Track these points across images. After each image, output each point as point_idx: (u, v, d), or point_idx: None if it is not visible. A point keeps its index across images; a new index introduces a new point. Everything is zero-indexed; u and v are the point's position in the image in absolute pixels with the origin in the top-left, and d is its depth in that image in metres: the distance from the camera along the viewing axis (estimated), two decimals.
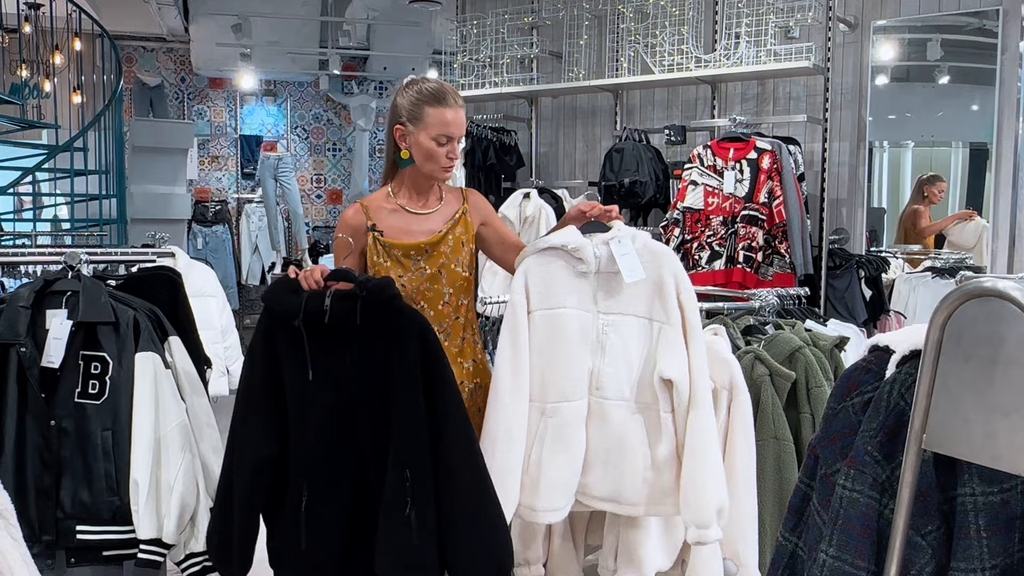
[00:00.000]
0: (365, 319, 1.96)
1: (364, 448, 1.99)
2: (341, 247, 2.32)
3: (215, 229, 9.21)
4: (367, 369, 1.98)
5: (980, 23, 4.17)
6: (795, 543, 1.41)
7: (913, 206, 4.59)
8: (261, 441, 2.01)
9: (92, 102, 7.97)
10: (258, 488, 2.02)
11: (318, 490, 1.99)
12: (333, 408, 1.99)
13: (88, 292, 2.25)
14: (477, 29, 5.23)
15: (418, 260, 2.28)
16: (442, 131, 2.24)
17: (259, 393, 2.03)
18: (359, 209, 2.32)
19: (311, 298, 1.97)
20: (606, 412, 2.17)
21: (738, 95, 4.66)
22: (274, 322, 2.02)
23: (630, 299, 2.18)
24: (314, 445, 1.99)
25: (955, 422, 1.12)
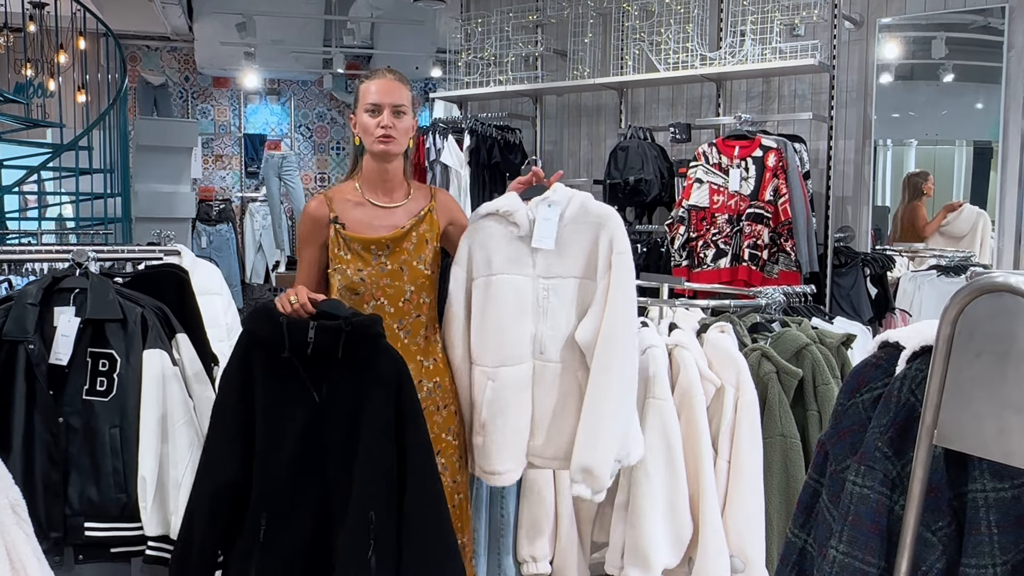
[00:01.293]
0: (345, 353, 1.95)
1: (329, 482, 1.96)
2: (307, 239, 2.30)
3: (219, 228, 9.23)
4: (341, 403, 1.97)
5: (985, 20, 4.16)
6: (804, 539, 1.41)
7: (912, 203, 4.58)
8: (224, 465, 2.00)
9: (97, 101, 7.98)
10: (217, 512, 2.00)
11: (277, 520, 1.96)
12: (300, 438, 1.97)
13: (96, 289, 2.25)
14: (481, 27, 5.23)
15: (379, 255, 2.26)
16: (369, 99, 2.25)
17: (229, 416, 2.02)
18: (322, 200, 2.30)
19: (293, 327, 1.95)
20: (549, 374, 2.21)
21: (743, 93, 4.66)
22: (254, 348, 2.00)
23: (568, 261, 2.21)
24: (279, 474, 1.97)
25: (966, 418, 1.11)
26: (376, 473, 1.93)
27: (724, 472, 2.33)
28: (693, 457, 2.31)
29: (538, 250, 2.20)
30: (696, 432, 2.31)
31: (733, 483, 2.31)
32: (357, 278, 2.23)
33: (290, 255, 9.45)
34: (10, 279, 2.70)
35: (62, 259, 2.57)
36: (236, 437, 2.00)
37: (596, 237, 2.19)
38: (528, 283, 2.21)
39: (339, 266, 2.24)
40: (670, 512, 2.30)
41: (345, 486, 1.93)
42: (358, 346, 1.96)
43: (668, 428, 2.29)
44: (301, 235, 2.31)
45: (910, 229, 4.56)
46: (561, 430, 2.20)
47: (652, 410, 2.31)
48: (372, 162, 2.31)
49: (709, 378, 2.34)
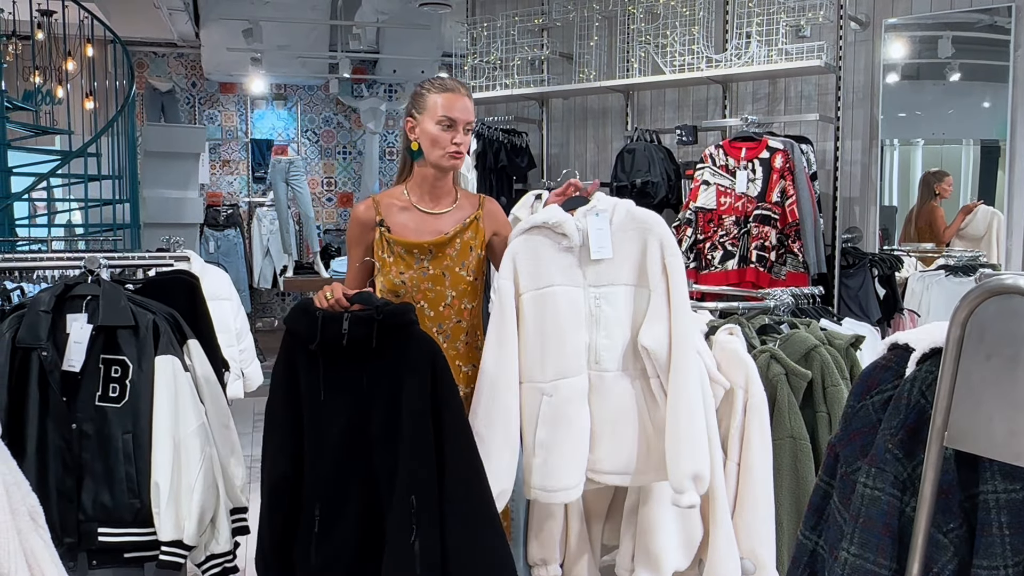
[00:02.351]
0: (381, 343, 1.98)
1: (375, 472, 1.99)
2: (355, 242, 2.38)
3: (227, 233, 9.25)
4: (380, 393, 2.00)
5: (991, 19, 4.16)
6: (815, 542, 1.41)
7: (928, 204, 4.57)
8: (278, 460, 2.07)
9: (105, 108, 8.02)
10: (275, 506, 2.06)
11: (330, 512, 2.01)
12: (346, 430, 2.01)
13: (107, 296, 2.27)
14: (487, 31, 5.24)
15: (422, 259, 2.30)
16: (444, 113, 2.25)
17: (280, 413, 2.08)
18: (370, 204, 2.36)
19: (328, 321, 1.99)
20: (606, 385, 2.19)
21: (749, 94, 4.66)
22: (294, 344, 2.06)
23: (618, 269, 2.19)
24: (327, 467, 2.02)
25: (977, 419, 1.12)
26: (416, 457, 1.94)
27: (734, 474, 2.33)
28: None
29: (587, 260, 2.19)
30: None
31: (743, 485, 2.32)
32: (398, 280, 2.29)
33: (297, 259, 9.48)
34: (22, 286, 2.72)
35: (74, 266, 2.59)
36: (286, 434, 2.06)
37: (644, 242, 2.18)
38: (580, 293, 2.20)
39: (383, 269, 2.32)
40: (680, 514, 2.30)
41: (390, 473, 1.96)
42: (392, 334, 1.99)
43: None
44: (349, 237, 2.39)
45: (927, 230, 4.54)
46: (622, 442, 2.17)
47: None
48: (428, 171, 2.32)
49: (718, 380, 2.34)
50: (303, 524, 2.03)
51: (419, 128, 2.30)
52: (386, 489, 1.97)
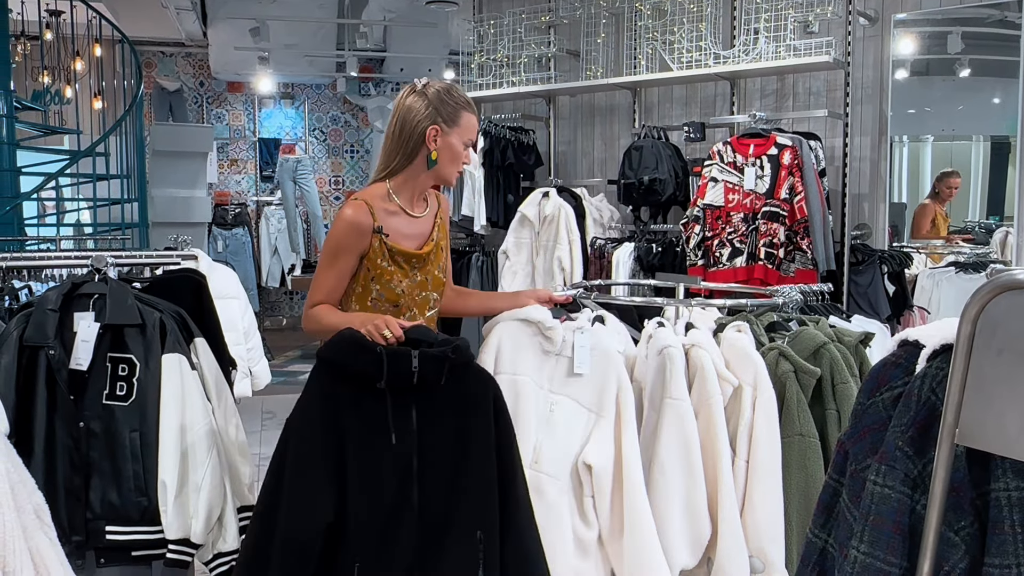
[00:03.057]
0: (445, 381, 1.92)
1: (422, 509, 1.90)
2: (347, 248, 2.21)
3: (235, 232, 9.28)
4: (438, 429, 1.92)
5: (1002, 15, 4.13)
6: (825, 540, 1.40)
7: (923, 202, 4.56)
8: (321, 503, 1.84)
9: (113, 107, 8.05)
10: (311, 555, 1.83)
11: (370, 559, 1.86)
12: (395, 469, 1.89)
13: (115, 295, 2.27)
14: (494, 29, 5.23)
15: (415, 267, 2.28)
16: (470, 136, 2.31)
17: (318, 452, 1.86)
18: (365, 209, 2.21)
19: (394, 358, 1.87)
20: (541, 486, 2.25)
21: (757, 91, 4.64)
22: (340, 380, 1.89)
23: (578, 387, 2.34)
24: (372, 508, 1.87)
25: (988, 416, 1.10)
26: (484, 492, 1.92)
27: (743, 472, 2.32)
28: (711, 457, 2.30)
29: (557, 367, 2.34)
30: (714, 432, 2.30)
31: (752, 483, 2.30)
32: (399, 290, 2.24)
33: (305, 258, 9.49)
34: (30, 285, 2.73)
35: (81, 265, 2.60)
36: (330, 475, 1.86)
37: (606, 375, 2.32)
38: (540, 393, 2.33)
39: (381, 277, 2.22)
40: (688, 512, 2.29)
41: (444, 511, 1.90)
42: (455, 370, 1.93)
43: (685, 428, 2.29)
44: (340, 243, 2.21)
45: (918, 228, 4.54)
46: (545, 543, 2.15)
47: (669, 410, 2.31)
48: (427, 178, 2.30)
49: (727, 378, 2.33)
50: (339, 571, 1.85)
51: (443, 140, 2.25)
52: (435, 527, 1.89)
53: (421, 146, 2.24)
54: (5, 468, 1.23)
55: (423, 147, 2.24)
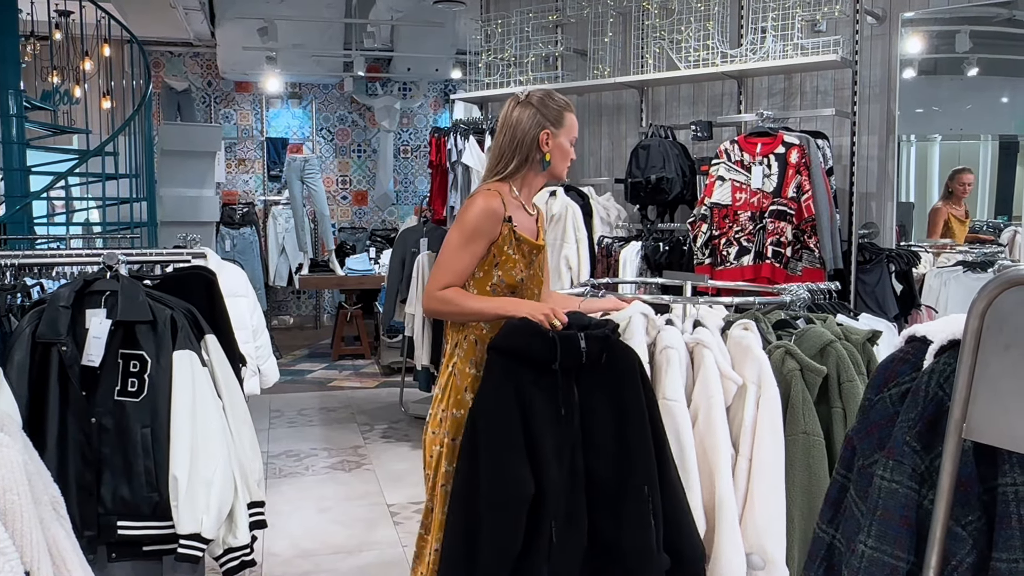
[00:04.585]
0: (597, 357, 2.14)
1: (593, 473, 2.13)
2: (482, 233, 2.31)
3: (243, 231, 9.31)
4: (600, 400, 2.15)
5: (1010, 13, 4.12)
6: (832, 535, 1.41)
7: (935, 206, 4.54)
8: (523, 479, 2.06)
9: (122, 107, 8.08)
10: (521, 525, 2.07)
11: (564, 522, 2.09)
12: (571, 441, 2.12)
13: (126, 291, 2.29)
14: (501, 28, 5.25)
15: (533, 259, 2.42)
16: (574, 134, 2.50)
17: (510, 432, 2.08)
18: (499, 198, 2.35)
19: (566, 341, 2.11)
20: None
21: (765, 90, 4.64)
22: (517, 364, 2.12)
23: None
24: (561, 479, 2.09)
25: (996, 411, 1.11)
26: (645, 451, 2.13)
27: (745, 470, 2.33)
28: (711, 455, 2.31)
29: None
30: (714, 430, 2.31)
31: (754, 481, 2.31)
32: (519, 278, 2.37)
33: (313, 257, 9.52)
34: (42, 282, 2.75)
35: (92, 262, 2.61)
36: (523, 452, 2.08)
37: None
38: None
39: (505, 264, 2.34)
40: None
41: (611, 475, 2.12)
42: (608, 349, 2.17)
43: (680, 429, 2.31)
44: (475, 228, 2.31)
45: (932, 229, 4.52)
46: None
47: (663, 410, 2.33)
48: (541, 177, 2.49)
49: (731, 376, 2.34)
50: (537, 536, 2.07)
51: (554, 142, 2.43)
52: (609, 491, 2.12)
53: (535, 150, 2.42)
54: (22, 460, 1.24)
55: (537, 151, 2.42)
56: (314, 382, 7.40)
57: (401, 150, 10.45)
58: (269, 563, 3.66)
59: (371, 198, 10.43)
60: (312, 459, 5.16)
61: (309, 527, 4.08)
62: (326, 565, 3.67)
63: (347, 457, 5.20)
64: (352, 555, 3.77)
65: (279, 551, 3.77)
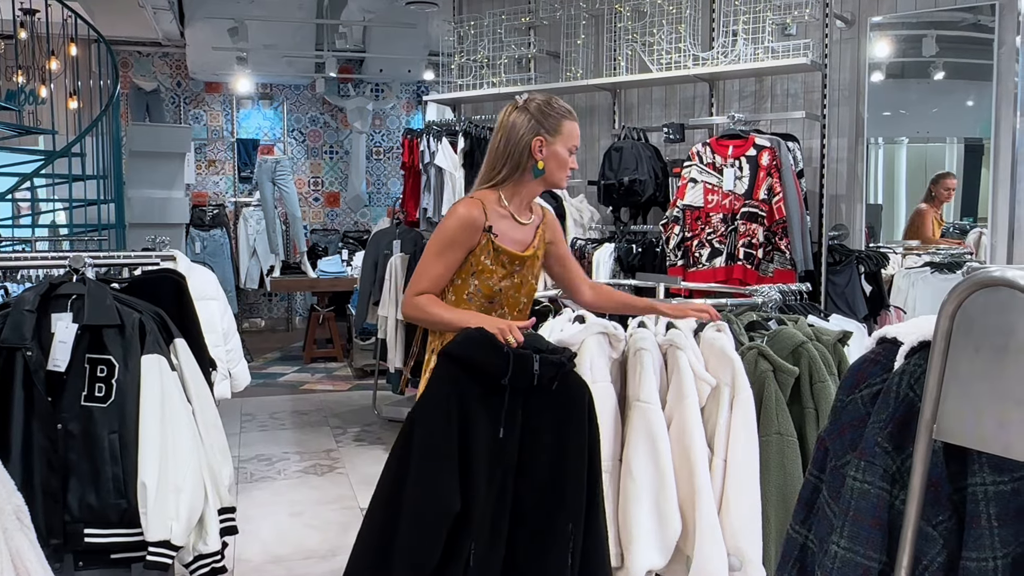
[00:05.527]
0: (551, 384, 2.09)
1: (522, 501, 2.07)
2: (459, 242, 2.31)
3: (213, 233, 9.21)
4: (541, 427, 2.08)
5: (975, 18, 4.18)
6: (805, 535, 1.41)
7: (919, 206, 4.59)
8: (447, 494, 1.98)
9: (89, 107, 7.96)
10: (440, 541, 1.98)
11: (483, 545, 2.03)
12: (503, 464, 2.05)
13: (93, 295, 2.25)
14: (474, 30, 5.24)
15: (516, 269, 2.38)
16: (574, 142, 2.42)
17: (446, 442, 2.01)
18: (480, 206, 2.33)
19: (519, 359, 2.03)
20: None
21: (736, 92, 4.68)
22: (466, 375, 2.05)
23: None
24: (483, 499, 2.03)
25: (966, 412, 1.12)
26: (577, 488, 2.08)
27: (720, 471, 2.34)
28: (687, 456, 2.32)
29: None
30: (689, 432, 2.32)
31: (729, 481, 2.33)
32: (497, 288, 2.35)
33: (284, 259, 9.44)
34: (6, 286, 2.70)
35: (58, 265, 2.57)
36: (454, 468, 2.01)
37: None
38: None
39: (482, 273, 2.33)
40: (657, 514, 2.31)
41: (538, 503, 2.06)
42: (561, 375, 2.11)
43: (653, 431, 2.32)
44: (452, 236, 2.31)
45: (914, 232, 4.57)
46: None
47: (637, 413, 2.34)
48: (535, 185, 2.43)
49: (704, 378, 2.35)
50: (455, 557, 2.01)
51: (548, 149, 2.37)
52: (532, 520, 2.07)
53: (528, 158, 2.37)
54: None
55: (530, 158, 2.37)
56: (286, 385, 7.34)
57: (373, 152, 10.40)
58: (240, 569, 3.62)
59: (343, 200, 10.37)
60: (284, 463, 5.11)
61: (281, 532, 4.04)
62: (298, 570, 3.64)
63: (319, 461, 5.15)
64: (325, 559, 3.73)
65: (250, 556, 3.73)
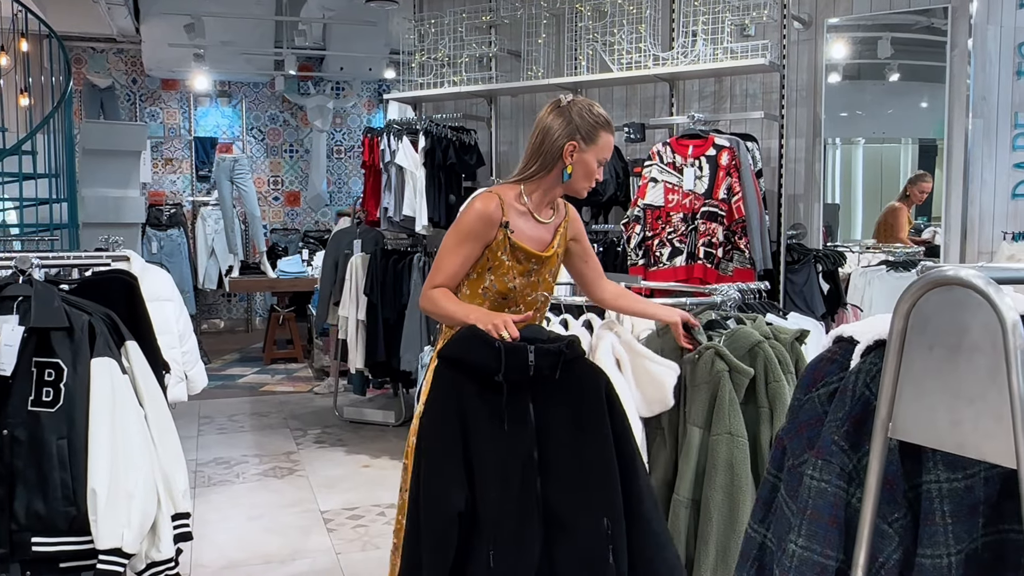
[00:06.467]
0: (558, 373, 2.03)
1: (548, 499, 2.00)
2: (475, 236, 2.30)
3: (170, 233, 9.07)
4: (557, 420, 2.02)
5: (928, 21, 4.25)
6: (764, 534, 1.41)
7: (894, 204, 4.66)
8: (452, 496, 1.95)
9: (40, 104, 7.77)
10: (450, 543, 1.95)
11: (504, 546, 1.96)
12: (519, 461, 2.00)
13: (40, 297, 2.19)
14: (435, 28, 5.21)
15: (533, 267, 2.37)
16: (605, 154, 2.39)
17: (447, 445, 1.98)
18: (497, 202, 2.32)
19: (511, 352, 1.99)
20: None
21: (696, 92, 4.70)
22: (463, 375, 2.01)
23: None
24: (501, 499, 1.97)
25: (920, 410, 1.13)
26: (606, 482, 2.00)
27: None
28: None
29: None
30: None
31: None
32: (512, 284, 2.33)
33: (244, 260, 9.31)
34: None
35: (4, 266, 2.49)
36: (459, 467, 1.97)
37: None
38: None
39: (498, 269, 2.32)
40: None
41: (568, 500, 1.99)
42: (568, 365, 2.04)
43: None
44: (468, 230, 2.30)
45: (888, 230, 4.63)
46: None
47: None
48: (558, 188, 2.40)
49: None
50: (474, 560, 1.96)
51: (579, 156, 2.34)
52: (560, 517, 1.99)
53: (558, 160, 2.34)
54: None
55: (560, 161, 2.34)
56: (245, 387, 7.24)
57: (334, 150, 10.31)
58: (197, 574, 3.55)
59: (304, 199, 10.26)
60: (243, 466, 5.03)
61: (239, 536, 3.97)
62: (257, 575, 3.59)
63: (279, 463, 5.09)
64: (284, 564, 3.68)
65: (207, 562, 3.66)
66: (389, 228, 5.34)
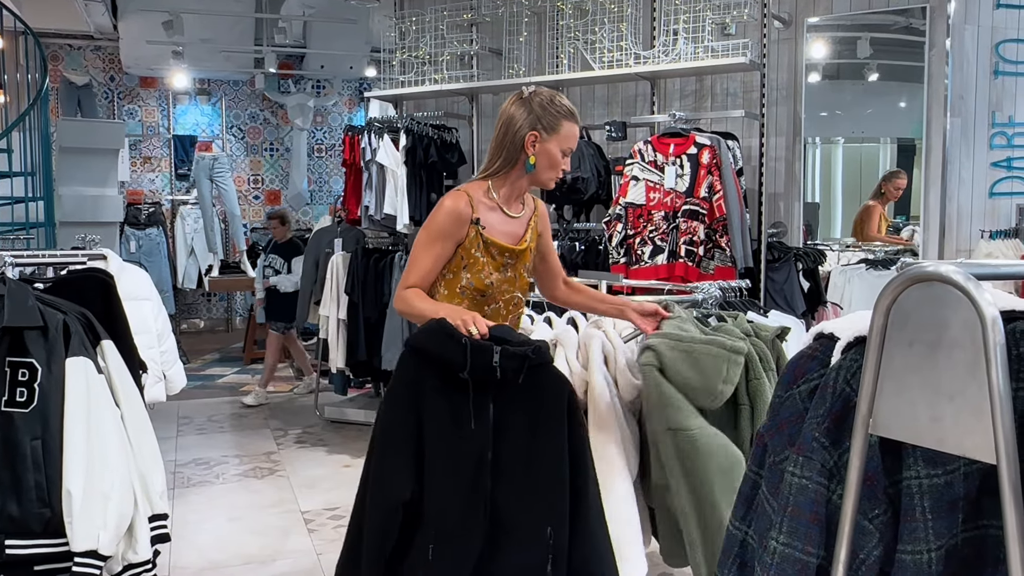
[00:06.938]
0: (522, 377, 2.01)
1: (497, 501, 1.99)
2: (446, 234, 2.30)
3: (149, 232, 8.98)
4: (514, 424, 2.01)
5: (907, 21, 4.29)
6: (745, 531, 1.41)
7: (868, 202, 4.68)
8: (397, 483, 1.96)
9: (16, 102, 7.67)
10: (389, 531, 1.96)
11: (446, 540, 1.96)
12: (473, 459, 1.99)
13: (13, 296, 2.15)
14: (416, 26, 5.19)
15: (509, 262, 2.36)
16: (569, 144, 2.37)
17: (402, 435, 1.98)
18: (466, 199, 2.31)
19: (477, 351, 1.97)
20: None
21: (677, 91, 4.71)
22: (426, 367, 2.00)
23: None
24: (449, 494, 1.97)
25: (901, 406, 1.13)
26: (556, 489, 1.99)
27: None
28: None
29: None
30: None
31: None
32: (488, 281, 2.32)
33: (223, 259, 9.24)
34: None
35: None
36: (409, 457, 1.97)
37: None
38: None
39: (473, 267, 2.31)
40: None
41: (515, 504, 1.98)
42: (533, 370, 2.02)
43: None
44: (439, 229, 2.30)
45: (860, 227, 4.66)
46: None
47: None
48: (525, 180, 2.39)
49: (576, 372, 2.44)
50: (415, 550, 1.96)
51: (541, 146, 2.33)
52: (508, 520, 1.98)
53: (521, 151, 2.34)
54: None
55: (523, 152, 2.34)
56: (225, 387, 7.18)
57: (315, 149, 10.25)
58: None
59: (284, 198, 10.20)
60: (223, 467, 4.99)
61: (219, 537, 3.94)
62: None
63: (260, 464, 5.05)
64: (265, 565, 3.65)
65: (187, 564, 3.63)
66: (370, 227, 5.31)
